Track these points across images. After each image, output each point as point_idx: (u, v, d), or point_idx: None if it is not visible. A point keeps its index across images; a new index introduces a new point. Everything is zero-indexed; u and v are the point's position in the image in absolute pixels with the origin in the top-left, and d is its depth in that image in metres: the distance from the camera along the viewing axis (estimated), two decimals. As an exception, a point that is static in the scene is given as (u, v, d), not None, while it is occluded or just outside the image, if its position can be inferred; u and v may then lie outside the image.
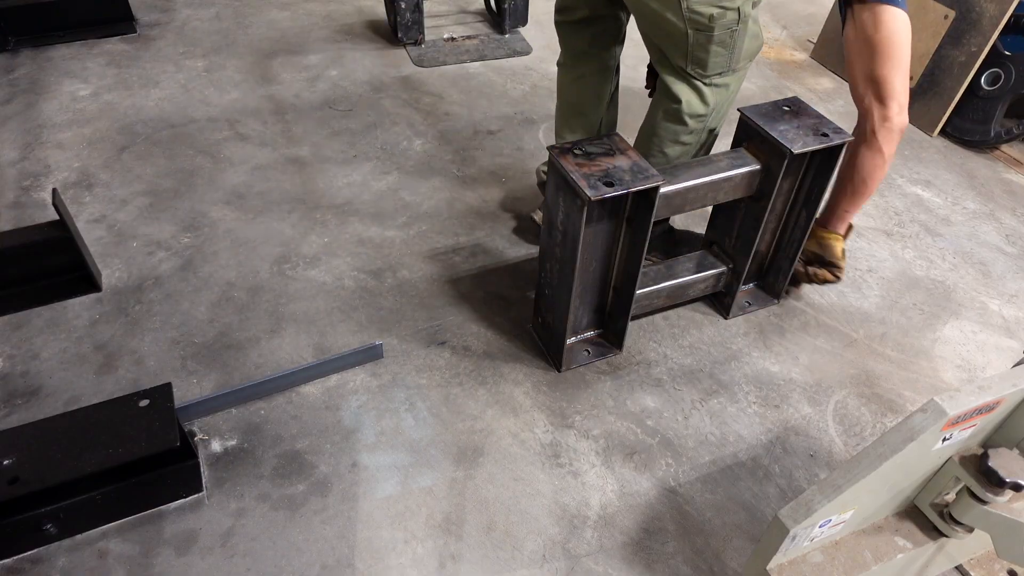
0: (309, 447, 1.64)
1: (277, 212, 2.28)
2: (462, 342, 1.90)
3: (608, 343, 1.90)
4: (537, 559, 1.46)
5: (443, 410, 1.73)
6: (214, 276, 2.04)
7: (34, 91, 2.77)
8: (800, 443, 1.72)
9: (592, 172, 1.49)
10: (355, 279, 2.06)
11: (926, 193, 2.56)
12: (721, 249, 1.98)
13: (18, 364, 1.77)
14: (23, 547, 1.42)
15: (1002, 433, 1.22)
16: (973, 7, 2.62)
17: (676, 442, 1.70)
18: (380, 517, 1.52)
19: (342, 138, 2.63)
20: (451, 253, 2.17)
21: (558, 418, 1.73)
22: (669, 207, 1.67)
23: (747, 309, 2.03)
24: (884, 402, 1.83)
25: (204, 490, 1.54)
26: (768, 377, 1.87)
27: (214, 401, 1.68)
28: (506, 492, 1.58)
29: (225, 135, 2.61)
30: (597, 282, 1.77)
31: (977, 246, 2.34)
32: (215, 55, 3.08)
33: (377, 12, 3.48)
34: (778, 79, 3.19)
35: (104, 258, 2.07)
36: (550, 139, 2.70)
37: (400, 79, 3.00)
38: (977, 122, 2.76)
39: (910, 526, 1.33)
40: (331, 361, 1.78)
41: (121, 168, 2.42)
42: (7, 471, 1.33)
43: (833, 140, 1.67)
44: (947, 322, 2.06)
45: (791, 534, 1.11)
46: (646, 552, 1.49)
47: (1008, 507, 1.18)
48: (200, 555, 1.43)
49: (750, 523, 1.55)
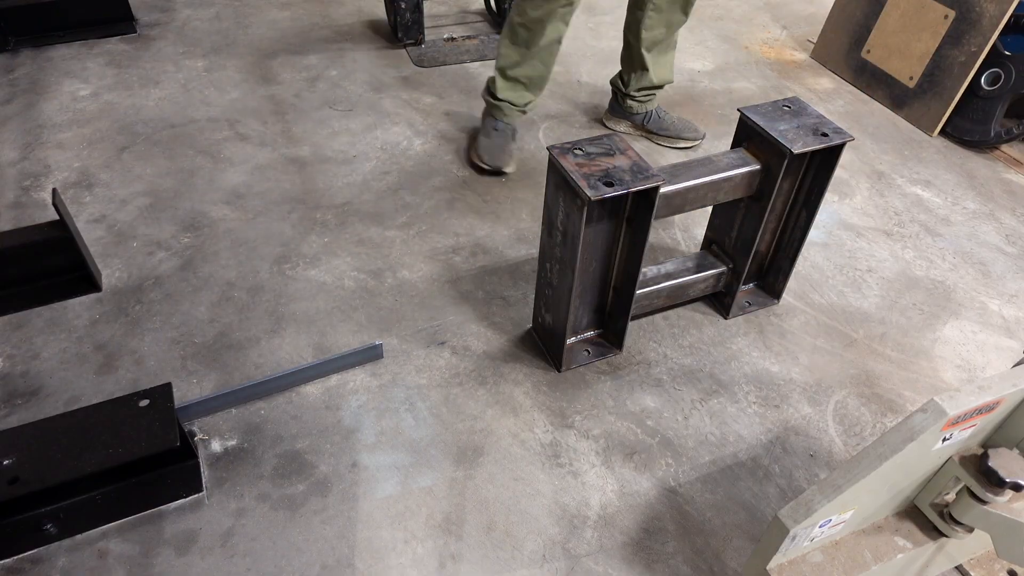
0: (309, 447, 1.64)
1: (277, 212, 2.28)
2: (462, 342, 1.90)
3: (608, 343, 1.90)
4: (537, 559, 1.46)
5: (443, 410, 1.73)
6: (214, 276, 2.04)
7: (34, 91, 2.77)
8: (800, 443, 1.72)
9: (592, 172, 1.49)
10: (355, 279, 2.06)
11: (926, 193, 2.56)
12: (721, 249, 1.98)
13: (18, 364, 1.77)
14: (23, 547, 1.42)
15: (1002, 433, 1.22)
16: (973, 7, 2.62)
17: (676, 442, 1.70)
18: (380, 517, 1.52)
19: (342, 138, 2.63)
20: (451, 253, 2.17)
21: (558, 418, 1.73)
22: (669, 207, 1.67)
23: (747, 309, 2.04)
24: (884, 402, 1.83)
25: (204, 490, 1.54)
26: (768, 377, 1.87)
27: (214, 401, 1.68)
28: (506, 492, 1.58)
29: (225, 135, 2.61)
30: (597, 282, 1.77)
31: (977, 246, 2.34)
32: (215, 55, 3.08)
33: (377, 12, 3.48)
34: (778, 79, 3.19)
35: (104, 258, 2.08)
36: (550, 139, 2.71)
37: (400, 79, 3.00)
38: (977, 122, 2.76)
39: (910, 526, 1.33)
40: (331, 361, 1.78)
41: (121, 168, 2.42)
42: (7, 471, 1.33)
43: (833, 140, 1.67)
44: (947, 322, 2.06)
45: (791, 534, 1.11)
46: (646, 552, 1.49)
47: (1008, 507, 1.18)
48: (200, 555, 1.43)
49: (750, 523, 1.55)
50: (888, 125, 2.93)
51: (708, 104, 2.97)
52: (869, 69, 3.09)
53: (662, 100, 2.97)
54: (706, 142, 2.70)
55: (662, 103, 2.76)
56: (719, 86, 3.10)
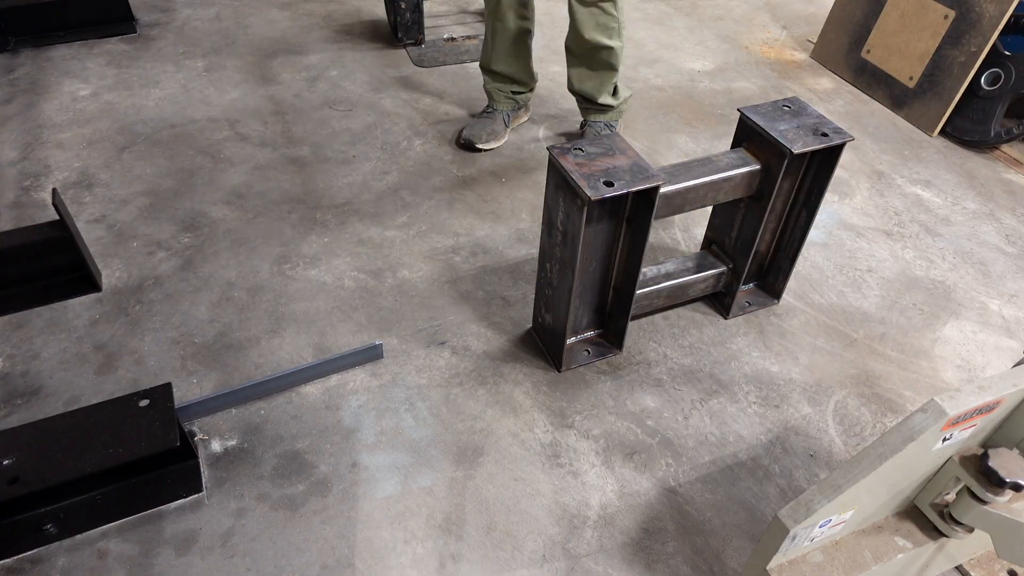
0: (309, 447, 1.64)
1: (277, 212, 2.28)
2: (462, 342, 1.90)
3: (608, 343, 1.90)
4: (537, 559, 1.46)
5: (443, 410, 1.73)
6: (214, 276, 2.04)
7: (34, 91, 2.77)
8: (800, 443, 1.72)
9: (592, 172, 1.49)
10: (355, 279, 2.06)
11: (926, 193, 2.56)
12: (721, 249, 1.98)
13: (18, 364, 1.77)
14: (23, 547, 1.42)
15: (1002, 433, 1.22)
16: (973, 7, 2.62)
17: (676, 442, 1.70)
18: (380, 517, 1.52)
19: (342, 138, 2.63)
20: (451, 253, 2.17)
21: (558, 418, 1.73)
22: (669, 207, 1.67)
23: (747, 309, 2.04)
24: (884, 402, 1.83)
25: (204, 490, 1.54)
26: (768, 377, 1.87)
27: (214, 401, 1.68)
28: (506, 492, 1.58)
29: (225, 135, 2.61)
30: (597, 282, 1.77)
31: (977, 246, 2.34)
32: (215, 55, 3.08)
33: (377, 12, 3.48)
34: (778, 79, 3.19)
35: (104, 258, 2.08)
36: (550, 139, 2.71)
37: (400, 79, 3.00)
38: (977, 122, 2.76)
39: (910, 526, 1.33)
40: (331, 361, 1.78)
41: (121, 168, 2.42)
42: (7, 471, 1.33)
43: (833, 140, 1.67)
44: (947, 322, 2.06)
45: (791, 534, 1.11)
46: (646, 552, 1.49)
47: (1008, 507, 1.18)
48: (200, 555, 1.43)
49: (750, 523, 1.55)
50: (888, 125, 2.93)
51: (708, 104, 2.97)
52: (869, 69, 3.09)
53: (663, 100, 2.98)
54: (706, 142, 2.71)
55: (662, 103, 2.76)
56: (719, 86, 3.10)
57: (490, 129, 2.59)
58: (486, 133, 2.58)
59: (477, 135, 2.57)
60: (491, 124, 2.61)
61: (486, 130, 2.59)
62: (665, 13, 3.71)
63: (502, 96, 2.61)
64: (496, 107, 2.63)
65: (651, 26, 3.56)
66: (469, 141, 2.56)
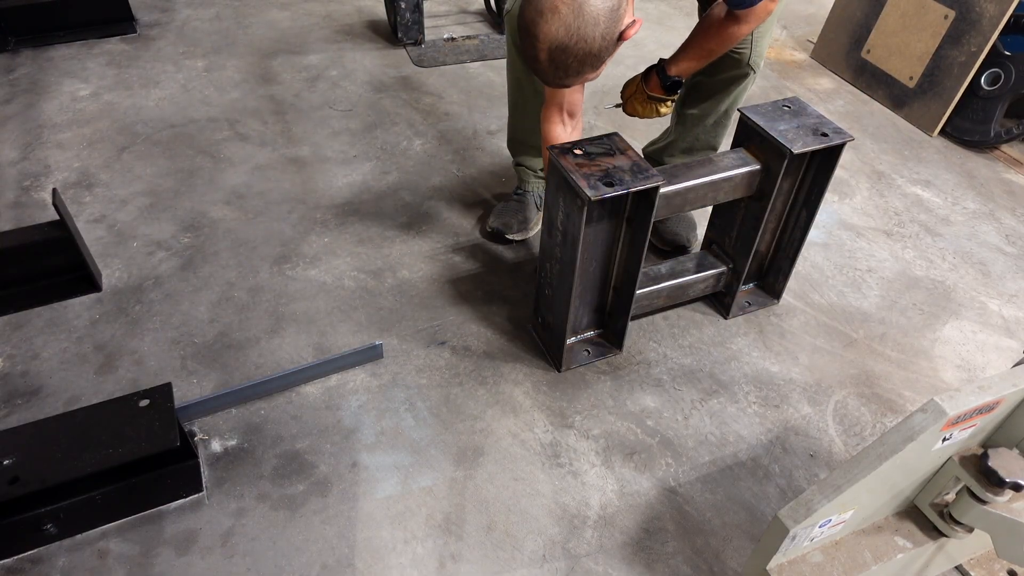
0: (309, 447, 1.64)
1: (277, 212, 2.28)
2: (462, 342, 1.90)
3: (608, 343, 1.90)
4: (537, 559, 1.46)
5: (443, 410, 1.73)
6: (214, 276, 2.04)
7: (34, 91, 2.77)
8: (800, 443, 1.72)
9: (592, 172, 1.49)
10: (355, 279, 2.06)
11: (926, 193, 2.56)
12: (721, 249, 1.98)
13: (18, 364, 1.77)
14: (23, 547, 1.42)
15: (1002, 433, 1.22)
16: (973, 7, 2.62)
17: (676, 442, 1.70)
18: (380, 517, 1.52)
19: (342, 138, 2.63)
20: (451, 253, 2.17)
21: (558, 418, 1.73)
22: (669, 207, 1.67)
23: (747, 309, 2.04)
24: (884, 402, 1.83)
25: (204, 490, 1.54)
26: (768, 377, 1.87)
27: (214, 401, 1.68)
28: (506, 492, 1.58)
29: (225, 135, 2.61)
30: (597, 282, 1.77)
31: (977, 246, 2.34)
32: (215, 55, 3.08)
33: (377, 12, 3.48)
34: (778, 79, 3.19)
35: (104, 258, 2.08)
36: (550, 139, 2.70)
37: (400, 79, 3.00)
38: (977, 122, 2.77)
39: (910, 526, 1.33)
40: (331, 361, 1.78)
41: (121, 168, 2.42)
42: (7, 471, 1.33)
43: (833, 140, 1.67)
44: (947, 322, 2.06)
45: (791, 534, 1.11)
46: (646, 552, 1.49)
47: (1008, 507, 1.18)
48: (200, 555, 1.43)
49: (750, 523, 1.55)
50: (888, 125, 2.93)
51: (708, 104, 2.97)
52: (869, 69, 3.09)
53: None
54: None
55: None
56: (719, 86, 3.10)
57: (521, 217, 2.20)
58: (517, 222, 2.19)
59: (508, 224, 2.18)
60: (522, 210, 2.21)
61: (516, 218, 2.19)
62: (665, 13, 3.71)
63: (531, 176, 2.23)
64: (526, 188, 2.25)
65: (651, 26, 3.55)
66: (499, 231, 2.18)
